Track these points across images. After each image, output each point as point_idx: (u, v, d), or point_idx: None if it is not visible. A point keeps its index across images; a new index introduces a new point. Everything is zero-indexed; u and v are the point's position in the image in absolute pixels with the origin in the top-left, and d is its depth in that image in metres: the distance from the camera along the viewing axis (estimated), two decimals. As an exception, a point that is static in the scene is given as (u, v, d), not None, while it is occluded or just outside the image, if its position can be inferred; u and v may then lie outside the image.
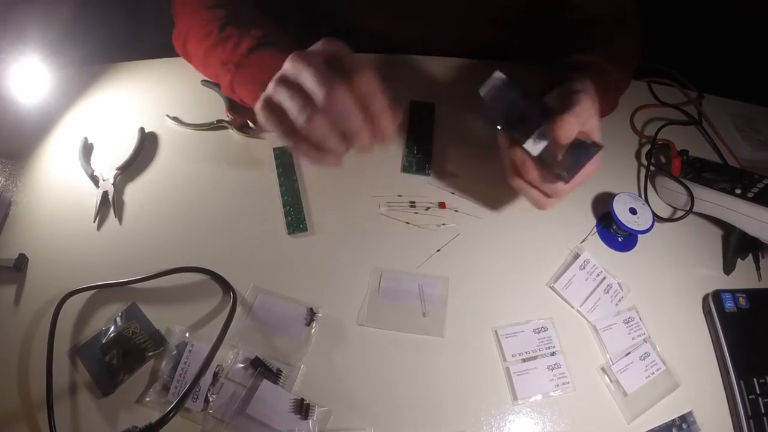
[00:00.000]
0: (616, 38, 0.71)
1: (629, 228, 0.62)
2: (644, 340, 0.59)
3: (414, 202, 0.65)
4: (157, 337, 0.54)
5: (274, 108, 0.49)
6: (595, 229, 0.66)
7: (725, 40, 1.03)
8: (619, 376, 0.56)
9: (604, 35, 0.71)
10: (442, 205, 0.65)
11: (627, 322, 0.60)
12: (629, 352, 0.58)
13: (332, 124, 0.47)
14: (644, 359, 0.58)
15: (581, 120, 0.53)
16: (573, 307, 0.60)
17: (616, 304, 0.61)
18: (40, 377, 0.50)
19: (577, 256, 0.63)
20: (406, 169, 0.68)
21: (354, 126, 0.48)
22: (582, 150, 0.53)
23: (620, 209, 0.63)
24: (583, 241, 0.65)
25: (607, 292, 0.61)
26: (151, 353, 0.53)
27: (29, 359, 0.52)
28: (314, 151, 0.50)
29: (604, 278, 0.62)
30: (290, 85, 0.48)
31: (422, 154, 0.69)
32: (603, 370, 0.57)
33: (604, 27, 0.72)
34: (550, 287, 0.62)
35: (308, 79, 0.47)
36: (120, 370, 0.52)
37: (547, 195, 0.58)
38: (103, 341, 0.53)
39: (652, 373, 0.57)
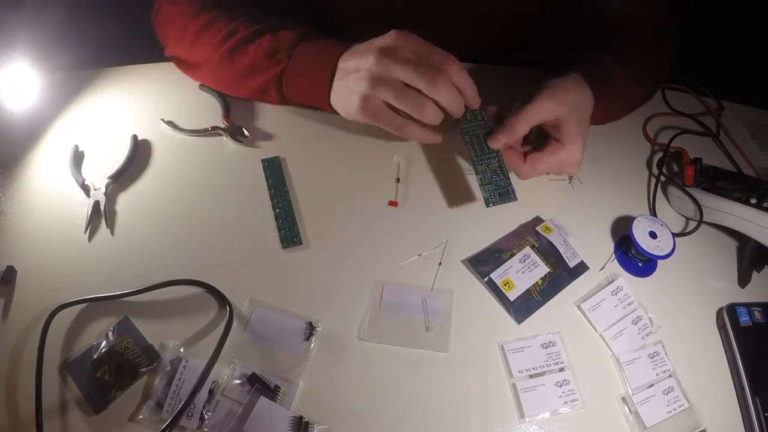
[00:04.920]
0: (639, 47, 0.73)
1: (651, 254, 0.62)
2: (669, 375, 0.59)
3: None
4: (150, 353, 0.55)
5: (378, 105, 0.59)
6: (613, 256, 0.67)
7: (737, 44, 1.05)
8: (639, 408, 0.57)
9: (624, 41, 0.73)
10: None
11: (652, 357, 0.60)
12: (652, 385, 0.58)
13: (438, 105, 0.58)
14: (667, 394, 0.58)
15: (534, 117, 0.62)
16: (597, 331, 0.62)
17: (643, 338, 0.61)
18: (29, 394, 0.51)
19: (611, 282, 0.64)
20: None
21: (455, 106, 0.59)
22: None
23: (640, 234, 0.63)
24: (601, 269, 0.66)
25: (636, 324, 0.62)
26: (144, 369, 0.54)
27: (18, 375, 0.54)
28: (424, 132, 0.61)
29: (635, 309, 0.63)
30: (391, 82, 0.57)
31: None
32: (623, 399, 0.58)
33: (627, 35, 0.74)
34: (578, 306, 0.63)
35: (410, 73, 0.56)
36: (112, 386, 0.53)
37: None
38: (95, 356, 0.54)
39: (674, 410, 0.57)
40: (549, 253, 0.65)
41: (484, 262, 0.64)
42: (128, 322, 0.57)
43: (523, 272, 0.63)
